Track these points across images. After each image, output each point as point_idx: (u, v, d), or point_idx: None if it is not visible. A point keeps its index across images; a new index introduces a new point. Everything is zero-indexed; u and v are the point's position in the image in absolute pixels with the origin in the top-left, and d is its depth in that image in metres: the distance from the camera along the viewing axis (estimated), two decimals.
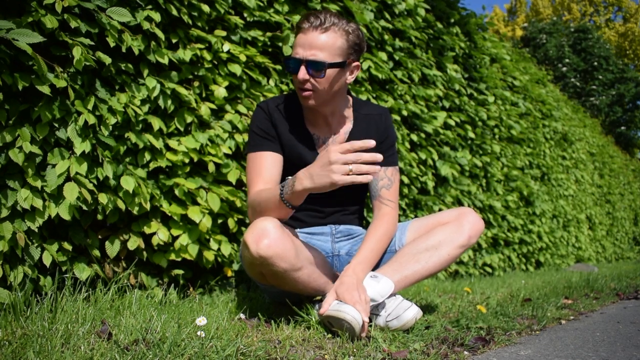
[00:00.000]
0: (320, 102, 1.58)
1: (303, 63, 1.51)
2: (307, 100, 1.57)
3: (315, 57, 1.50)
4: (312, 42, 1.51)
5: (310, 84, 1.54)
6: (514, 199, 4.63)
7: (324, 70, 1.51)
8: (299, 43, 1.53)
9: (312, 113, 1.66)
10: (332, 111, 1.66)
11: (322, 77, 1.52)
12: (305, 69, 1.52)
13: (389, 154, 1.74)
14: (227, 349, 1.13)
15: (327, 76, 1.53)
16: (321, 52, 1.51)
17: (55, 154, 1.57)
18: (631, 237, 10.32)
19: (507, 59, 5.13)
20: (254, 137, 1.64)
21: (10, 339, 1.10)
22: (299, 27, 1.53)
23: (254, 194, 1.56)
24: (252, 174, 1.61)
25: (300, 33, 1.53)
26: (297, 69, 1.53)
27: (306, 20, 1.52)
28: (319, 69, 1.51)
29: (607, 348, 1.46)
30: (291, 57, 1.54)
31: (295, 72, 1.54)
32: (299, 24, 1.53)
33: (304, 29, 1.52)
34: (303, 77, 1.52)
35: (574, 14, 23.56)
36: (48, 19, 1.51)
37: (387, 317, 1.48)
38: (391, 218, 1.68)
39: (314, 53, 1.51)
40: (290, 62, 1.54)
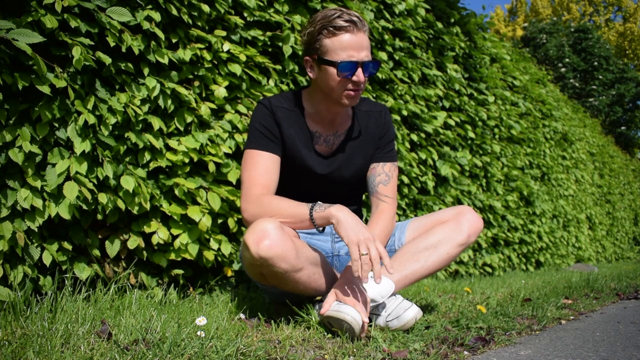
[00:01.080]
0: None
1: (360, 65, 1.51)
2: (355, 100, 1.57)
3: (369, 58, 1.52)
4: (362, 43, 1.51)
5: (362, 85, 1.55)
6: (514, 199, 4.63)
7: (377, 69, 1.54)
8: (350, 45, 1.50)
9: (320, 112, 1.65)
10: (344, 110, 1.66)
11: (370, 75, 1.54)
12: (362, 71, 1.51)
13: (387, 150, 1.74)
14: (227, 349, 1.13)
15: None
16: (369, 52, 1.53)
17: (55, 154, 1.57)
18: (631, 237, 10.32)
19: (507, 58, 5.13)
20: (255, 133, 1.62)
21: (10, 338, 1.10)
22: (341, 28, 1.49)
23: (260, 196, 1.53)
24: (252, 172, 1.58)
25: (346, 34, 1.49)
26: (353, 71, 1.51)
27: (351, 23, 1.49)
28: (374, 69, 1.54)
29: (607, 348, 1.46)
30: (345, 62, 1.50)
31: (351, 75, 1.51)
32: (340, 25, 1.49)
33: (352, 31, 1.50)
34: (363, 79, 1.53)
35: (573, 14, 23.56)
36: (48, 18, 1.51)
37: (387, 317, 1.48)
38: (389, 214, 1.67)
39: (367, 54, 1.52)
40: (347, 65, 1.50)
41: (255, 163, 1.59)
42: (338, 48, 1.50)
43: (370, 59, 1.53)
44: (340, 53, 1.50)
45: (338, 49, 1.50)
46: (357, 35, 1.50)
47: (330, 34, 1.50)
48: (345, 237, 1.38)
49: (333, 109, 1.63)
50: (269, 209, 1.49)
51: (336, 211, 1.42)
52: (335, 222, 1.41)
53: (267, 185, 1.56)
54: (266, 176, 1.57)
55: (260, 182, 1.56)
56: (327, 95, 1.58)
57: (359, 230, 1.38)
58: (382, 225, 1.64)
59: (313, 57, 1.56)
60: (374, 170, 1.73)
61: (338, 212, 1.41)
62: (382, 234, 1.63)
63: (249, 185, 1.56)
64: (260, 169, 1.58)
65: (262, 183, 1.56)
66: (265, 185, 1.56)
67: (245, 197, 1.56)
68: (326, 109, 1.63)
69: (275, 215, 1.47)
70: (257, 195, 1.54)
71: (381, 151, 1.73)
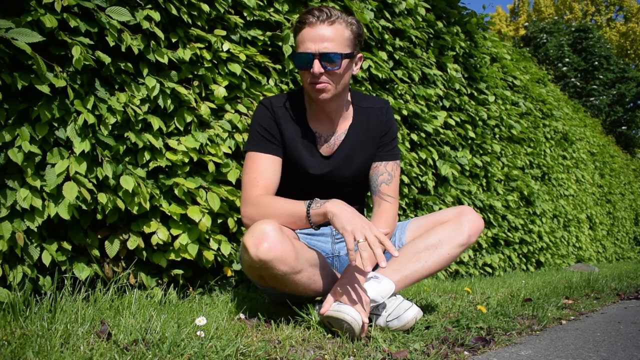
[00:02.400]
0: (333, 95, 1.57)
1: (316, 57, 1.49)
2: (320, 94, 1.54)
3: (328, 49, 1.49)
4: (322, 35, 1.49)
5: (325, 77, 1.52)
6: (514, 199, 4.63)
7: (339, 61, 1.50)
8: (308, 37, 1.50)
9: (315, 110, 1.64)
10: (337, 107, 1.64)
11: (337, 69, 1.51)
12: (319, 62, 1.49)
13: (389, 148, 1.72)
14: (227, 349, 1.13)
15: (341, 67, 1.52)
16: (332, 44, 1.49)
17: (55, 154, 1.57)
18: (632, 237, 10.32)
19: (507, 58, 5.12)
20: (256, 135, 1.61)
21: (10, 339, 1.10)
22: (303, 22, 1.50)
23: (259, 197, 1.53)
24: (252, 174, 1.58)
25: (306, 27, 1.50)
26: (309, 64, 1.50)
27: (310, 15, 1.50)
28: (334, 60, 1.50)
29: (607, 348, 1.46)
30: (301, 53, 1.50)
31: (307, 67, 1.51)
32: (303, 19, 1.50)
33: (310, 23, 1.49)
34: (318, 70, 1.49)
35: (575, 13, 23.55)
36: (47, 18, 1.51)
37: (388, 317, 1.48)
38: (390, 214, 1.67)
39: (326, 46, 1.49)
40: (302, 57, 1.50)
41: (255, 165, 1.58)
42: (299, 42, 1.52)
43: (333, 50, 1.49)
44: (300, 46, 1.52)
45: (299, 43, 1.52)
46: (314, 27, 1.49)
47: (297, 30, 1.53)
48: (340, 228, 1.37)
49: (319, 105, 1.61)
50: (267, 209, 1.49)
51: (331, 206, 1.41)
52: (330, 217, 1.40)
53: (266, 186, 1.56)
54: (266, 178, 1.56)
55: (260, 184, 1.55)
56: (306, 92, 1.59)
57: (354, 219, 1.37)
58: (384, 224, 1.64)
59: None
60: (377, 169, 1.71)
61: (333, 206, 1.40)
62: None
63: (248, 187, 1.56)
64: (260, 171, 1.57)
65: (261, 185, 1.55)
66: (265, 187, 1.55)
67: (244, 199, 1.56)
68: (317, 107, 1.62)
69: (273, 216, 1.46)
70: (255, 196, 1.53)
71: (383, 149, 1.72)
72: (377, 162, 1.71)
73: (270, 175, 1.57)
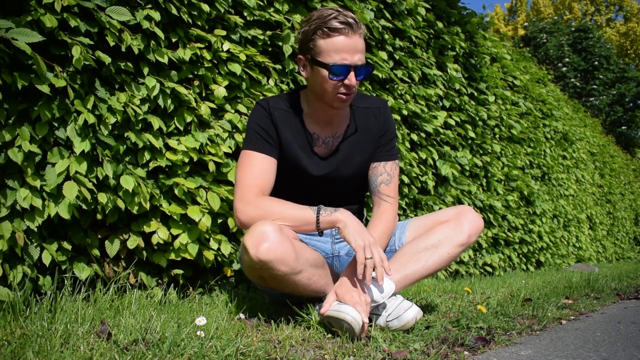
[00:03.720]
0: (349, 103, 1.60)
1: (352, 69, 1.49)
2: (346, 104, 1.56)
3: (362, 61, 1.50)
4: (356, 46, 1.49)
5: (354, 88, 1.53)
6: (514, 199, 4.63)
7: (371, 72, 1.54)
8: (345, 48, 1.47)
9: (316, 113, 1.64)
10: (339, 111, 1.64)
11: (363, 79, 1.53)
12: (354, 74, 1.50)
13: (388, 148, 1.72)
14: (227, 348, 1.13)
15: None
16: (363, 55, 1.51)
17: (55, 153, 1.57)
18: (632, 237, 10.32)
19: (507, 58, 5.12)
20: (253, 134, 1.60)
21: (10, 338, 1.10)
22: (337, 30, 1.46)
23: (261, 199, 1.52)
24: (250, 173, 1.56)
25: (341, 36, 1.47)
26: (345, 74, 1.49)
27: (347, 25, 1.47)
28: (366, 73, 1.52)
29: (607, 348, 1.46)
30: (338, 64, 1.48)
31: (342, 77, 1.50)
32: (337, 27, 1.46)
33: (347, 34, 1.47)
34: (355, 82, 1.51)
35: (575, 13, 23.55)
36: (47, 18, 1.51)
37: (388, 317, 1.48)
38: (390, 214, 1.67)
39: (360, 57, 1.50)
40: (340, 68, 1.48)
41: (251, 164, 1.57)
42: (332, 50, 1.48)
43: (364, 62, 1.51)
44: (334, 55, 1.48)
45: (332, 51, 1.48)
46: (351, 38, 1.48)
47: (324, 35, 1.48)
48: (352, 242, 1.42)
49: (328, 111, 1.62)
50: (269, 211, 1.48)
51: (342, 216, 1.45)
52: (341, 227, 1.44)
53: (262, 186, 1.54)
54: (262, 178, 1.55)
55: (256, 183, 1.54)
56: (319, 96, 1.57)
57: (365, 235, 1.43)
58: (384, 225, 1.64)
59: (306, 57, 1.54)
60: (376, 169, 1.71)
61: (344, 217, 1.45)
62: (385, 234, 1.63)
63: (244, 186, 1.54)
64: (256, 170, 1.56)
65: (257, 185, 1.54)
66: (261, 187, 1.54)
67: (241, 198, 1.53)
68: (321, 109, 1.62)
69: (276, 218, 1.46)
70: (254, 196, 1.52)
71: (382, 150, 1.71)
72: (376, 163, 1.71)
73: (266, 176, 1.57)
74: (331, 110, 1.60)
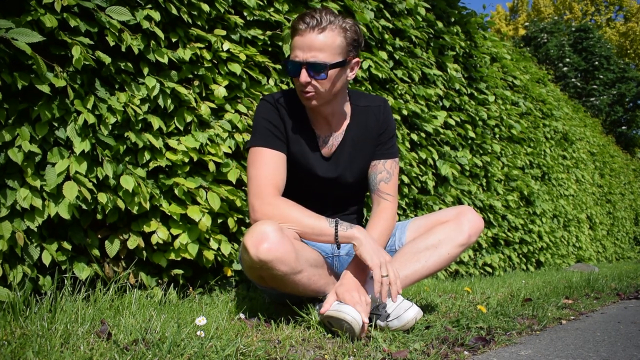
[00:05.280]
0: (322, 103, 1.56)
1: (303, 66, 1.48)
2: (309, 102, 1.55)
3: (315, 58, 1.47)
4: (310, 44, 1.47)
5: (312, 86, 1.51)
6: (514, 199, 4.63)
7: (325, 71, 1.48)
8: (297, 45, 1.49)
9: (313, 113, 1.64)
10: (332, 111, 1.63)
11: (324, 79, 1.50)
12: (306, 72, 1.48)
13: (388, 146, 1.71)
14: (227, 348, 1.13)
15: (328, 77, 1.50)
16: (321, 53, 1.47)
17: (55, 153, 1.57)
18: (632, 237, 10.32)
19: (507, 58, 5.12)
20: (262, 130, 1.57)
21: (10, 338, 1.10)
22: (295, 29, 1.49)
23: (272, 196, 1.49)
24: (264, 170, 1.53)
25: (297, 35, 1.49)
26: (297, 72, 1.49)
27: (302, 21, 1.48)
28: (320, 71, 1.48)
29: (607, 348, 1.46)
30: (290, 60, 1.50)
31: (296, 75, 1.50)
32: (295, 25, 1.49)
33: (300, 31, 1.48)
34: (305, 80, 1.49)
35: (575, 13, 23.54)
36: (47, 18, 1.51)
37: (388, 317, 1.48)
38: (390, 212, 1.66)
39: (314, 55, 1.47)
40: (290, 65, 1.50)
41: (264, 160, 1.54)
42: (291, 48, 1.53)
43: (319, 60, 1.47)
44: (291, 53, 1.52)
45: (291, 49, 1.53)
46: (304, 35, 1.47)
47: (291, 35, 1.53)
48: (369, 260, 1.43)
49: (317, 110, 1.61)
50: (286, 215, 1.47)
51: (359, 233, 1.46)
52: (357, 244, 1.45)
53: (277, 185, 1.53)
54: (276, 175, 1.54)
55: (271, 181, 1.52)
56: None
57: (380, 253, 1.45)
58: (384, 224, 1.63)
59: None
60: (375, 167, 1.71)
61: (361, 235, 1.46)
62: (384, 233, 1.63)
63: (260, 183, 1.51)
64: (270, 168, 1.54)
65: (272, 183, 1.52)
66: (276, 185, 1.52)
67: (258, 195, 1.50)
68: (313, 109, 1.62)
69: (292, 223, 1.46)
70: (272, 196, 1.50)
71: (382, 148, 1.71)
72: (375, 161, 1.71)
73: (280, 173, 1.55)
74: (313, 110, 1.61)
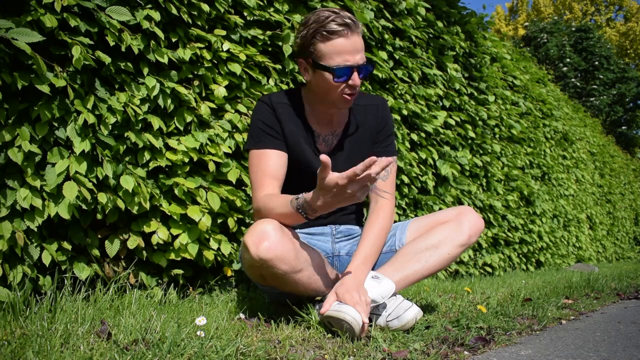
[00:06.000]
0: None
1: (355, 69, 1.49)
2: (349, 104, 1.57)
3: (364, 60, 1.51)
4: (356, 46, 1.49)
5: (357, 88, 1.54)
6: (514, 199, 4.63)
7: (373, 69, 1.55)
8: (344, 49, 1.47)
9: (317, 111, 1.64)
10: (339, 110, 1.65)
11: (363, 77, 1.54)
12: (357, 74, 1.50)
13: (386, 144, 1.72)
14: (227, 348, 1.13)
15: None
16: (363, 54, 1.51)
17: (55, 153, 1.57)
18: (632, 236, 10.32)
19: (507, 58, 5.12)
20: (257, 132, 1.60)
21: (10, 338, 1.10)
22: (335, 32, 1.46)
23: (260, 198, 1.52)
24: (258, 174, 1.57)
25: (341, 38, 1.47)
26: (349, 76, 1.50)
27: (345, 26, 1.47)
28: (368, 71, 1.53)
29: (607, 348, 1.46)
30: (342, 66, 1.48)
31: (346, 79, 1.50)
32: (335, 30, 1.46)
33: (346, 35, 1.47)
34: (358, 82, 1.51)
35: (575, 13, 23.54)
36: (47, 18, 1.51)
37: (388, 317, 1.48)
38: (388, 211, 1.66)
39: (362, 57, 1.50)
40: (343, 70, 1.49)
41: (261, 162, 1.57)
42: (333, 53, 1.48)
43: (365, 61, 1.52)
44: (336, 58, 1.48)
45: (333, 53, 1.48)
46: (351, 38, 1.48)
47: (324, 38, 1.48)
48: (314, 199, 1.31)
49: (329, 110, 1.62)
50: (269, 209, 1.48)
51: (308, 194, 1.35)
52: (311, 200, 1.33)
53: (273, 182, 1.55)
54: (271, 173, 1.56)
55: (264, 180, 1.55)
56: (323, 97, 1.58)
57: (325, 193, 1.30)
58: (381, 223, 1.63)
59: (307, 61, 1.54)
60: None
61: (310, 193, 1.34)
62: (382, 232, 1.63)
63: (254, 185, 1.57)
64: (264, 169, 1.56)
65: (265, 182, 1.55)
66: (272, 183, 1.55)
67: (253, 197, 1.56)
68: (322, 109, 1.63)
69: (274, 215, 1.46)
70: (262, 196, 1.53)
71: (380, 145, 1.72)
72: None
73: (276, 170, 1.57)
74: (332, 109, 1.61)
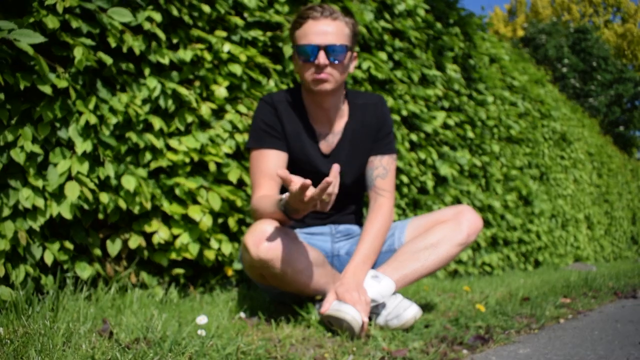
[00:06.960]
0: (333, 88, 1.59)
1: (322, 48, 1.53)
2: (322, 84, 1.57)
3: (333, 41, 1.53)
4: (326, 29, 1.54)
5: (329, 69, 1.55)
6: (513, 199, 4.64)
7: (344, 53, 1.55)
8: (312, 31, 1.54)
9: (314, 108, 1.66)
10: (334, 104, 1.65)
11: (340, 62, 1.55)
12: (325, 54, 1.53)
13: (385, 142, 1.73)
14: (228, 347, 1.14)
15: (345, 59, 1.56)
16: (336, 38, 1.54)
17: (57, 154, 1.58)
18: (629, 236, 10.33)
19: (506, 59, 5.13)
20: (258, 132, 1.62)
21: (12, 337, 1.11)
22: (306, 17, 1.55)
23: (255, 200, 1.55)
24: (256, 174, 1.59)
25: (309, 21, 1.54)
26: (314, 55, 1.53)
27: (314, 10, 1.55)
28: (339, 52, 1.54)
29: (605, 346, 1.47)
30: (303, 45, 1.54)
31: (312, 59, 1.54)
32: (305, 14, 1.55)
33: (315, 17, 1.54)
34: (324, 61, 1.53)
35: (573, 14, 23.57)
36: (49, 19, 1.52)
37: (387, 316, 1.49)
38: (387, 209, 1.67)
39: (330, 39, 1.53)
40: (306, 49, 1.54)
41: (260, 163, 1.59)
42: (301, 35, 1.55)
43: (338, 43, 1.54)
44: (302, 39, 1.55)
45: (301, 36, 1.55)
46: (320, 20, 1.54)
47: (298, 24, 1.56)
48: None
49: (316, 100, 1.63)
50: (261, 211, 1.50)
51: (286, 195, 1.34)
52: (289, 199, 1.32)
53: (271, 182, 1.57)
54: (270, 175, 1.58)
55: (264, 182, 1.57)
56: (305, 86, 1.62)
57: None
58: (380, 222, 1.64)
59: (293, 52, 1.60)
60: (372, 163, 1.72)
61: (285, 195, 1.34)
62: (381, 231, 1.63)
63: (254, 185, 1.59)
64: (263, 169, 1.58)
65: (266, 182, 1.57)
66: (270, 183, 1.57)
67: (251, 199, 1.59)
68: (313, 101, 1.64)
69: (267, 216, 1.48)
70: (258, 197, 1.55)
71: (378, 143, 1.72)
72: (372, 157, 1.72)
73: (274, 170, 1.58)
74: (316, 98, 1.62)
